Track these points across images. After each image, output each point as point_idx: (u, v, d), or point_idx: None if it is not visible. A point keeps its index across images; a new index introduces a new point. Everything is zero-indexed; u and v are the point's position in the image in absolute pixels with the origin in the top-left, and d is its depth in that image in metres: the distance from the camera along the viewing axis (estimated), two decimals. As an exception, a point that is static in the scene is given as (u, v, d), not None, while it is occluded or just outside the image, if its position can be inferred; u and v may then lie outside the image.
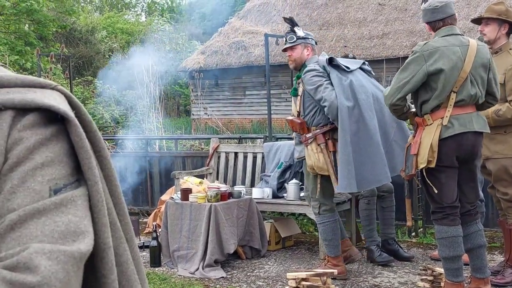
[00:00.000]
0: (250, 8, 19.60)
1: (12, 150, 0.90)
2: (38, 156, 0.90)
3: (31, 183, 0.88)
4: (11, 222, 0.84)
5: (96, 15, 27.89)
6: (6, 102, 0.91)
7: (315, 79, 4.85)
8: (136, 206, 8.14)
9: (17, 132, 0.91)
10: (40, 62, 9.71)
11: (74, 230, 0.87)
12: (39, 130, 0.92)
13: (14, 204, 0.86)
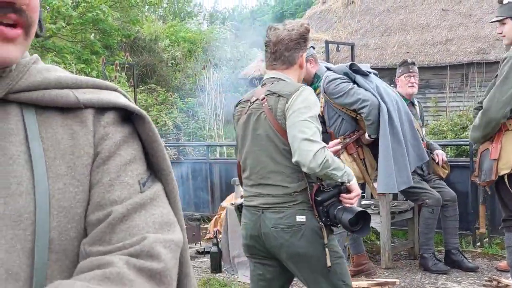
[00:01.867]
0: (311, 15, 19.57)
1: (101, 144, 1.01)
2: (124, 152, 1.02)
3: (124, 177, 1.00)
4: (120, 215, 0.96)
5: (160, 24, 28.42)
6: (87, 102, 1.02)
7: (343, 85, 4.76)
8: (197, 212, 8.24)
9: (103, 128, 1.02)
10: (105, 71, 9.97)
11: (167, 221, 1.00)
12: (120, 127, 1.04)
13: (114, 196, 0.98)
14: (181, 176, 8.48)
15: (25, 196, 0.94)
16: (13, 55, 0.97)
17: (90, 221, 0.97)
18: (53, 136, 1.00)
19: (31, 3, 0.98)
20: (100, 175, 1.00)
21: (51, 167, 0.97)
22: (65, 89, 1.02)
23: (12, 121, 0.99)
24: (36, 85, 1.01)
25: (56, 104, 1.01)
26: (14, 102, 1.01)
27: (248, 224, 3.01)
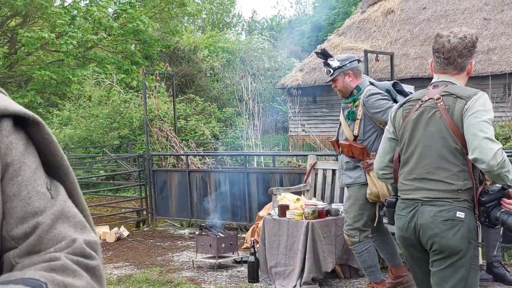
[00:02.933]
0: (350, 24, 19.47)
1: (9, 155, 1.00)
2: (29, 161, 1.02)
3: (37, 187, 1.01)
4: (47, 226, 0.99)
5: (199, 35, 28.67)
6: None
7: (381, 102, 4.71)
8: (234, 221, 8.24)
9: (6, 138, 1.00)
10: (145, 81, 10.09)
11: (80, 220, 1.05)
12: (19, 135, 1.03)
13: (34, 208, 1.00)
14: (218, 186, 8.51)
15: None
16: None
17: (15, 235, 0.99)
18: None
19: None
20: (16, 188, 1.00)
21: None
22: None
23: None
24: None
25: None
26: None
27: (404, 217, 3.14)
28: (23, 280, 0.90)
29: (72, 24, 17.68)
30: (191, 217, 8.83)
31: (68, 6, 18.46)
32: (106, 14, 18.06)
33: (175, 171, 9.17)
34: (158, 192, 9.25)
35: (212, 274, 6.11)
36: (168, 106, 14.01)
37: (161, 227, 9.12)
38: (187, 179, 8.78)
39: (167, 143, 9.73)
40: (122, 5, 18.79)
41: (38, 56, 19.53)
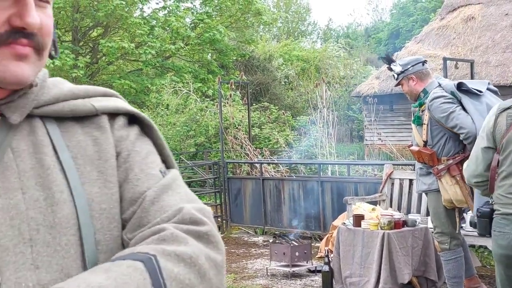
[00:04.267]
0: (428, 31, 19.06)
1: (120, 145, 1.08)
2: (140, 148, 1.09)
3: (147, 169, 1.06)
4: (150, 197, 1.01)
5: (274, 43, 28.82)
6: (102, 109, 1.09)
7: (445, 106, 4.51)
8: (308, 230, 8.20)
9: (118, 131, 1.09)
10: (221, 89, 10.22)
11: (191, 197, 1.06)
12: (130, 129, 1.11)
13: (143, 188, 1.03)
14: (292, 194, 8.49)
15: (68, 203, 0.98)
16: (26, 73, 0.98)
17: (127, 216, 1.02)
18: (78, 144, 1.05)
19: (43, 28, 0.99)
20: (125, 173, 1.05)
21: (83, 173, 1.02)
22: (79, 99, 1.08)
23: (40, 134, 1.03)
24: (55, 98, 1.06)
25: (75, 114, 1.07)
26: (36, 116, 1.04)
27: (509, 234, 2.97)
28: (132, 255, 0.92)
29: (151, 34, 18.14)
30: (264, 224, 8.84)
31: (147, 17, 18.96)
32: (184, 24, 18.43)
33: (249, 179, 9.22)
34: (232, 199, 9.33)
35: (286, 283, 6.09)
36: (242, 114, 14.13)
37: (235, 234, 9.19)
38: (261, 186, 8.81)
39: (242, 151, 9.82)
40: (199, 15, 19.14)
41: (118, 65, 20.12)
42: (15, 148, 1.00)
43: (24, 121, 1.03)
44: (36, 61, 1.00)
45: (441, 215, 4.79)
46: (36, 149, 1.01)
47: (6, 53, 0.96)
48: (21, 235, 0.94)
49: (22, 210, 0.95)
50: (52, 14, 1.06)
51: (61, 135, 1.05)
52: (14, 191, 0.96)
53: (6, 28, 0.95)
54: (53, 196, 0.97)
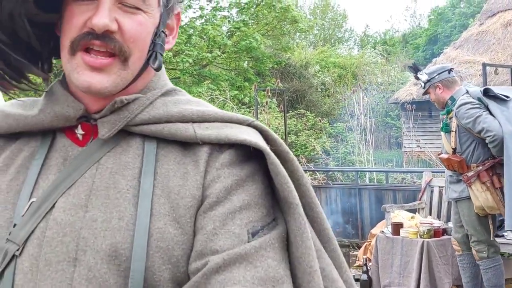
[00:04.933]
0: (467, 37, 18.78)
1: (210, 187, 0.96)
2: (235, 198, 0.94)
3: (231, 226, 0.92)
4: (216, 265, 0.88)
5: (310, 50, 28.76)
6: (204, 137, 0.98)
7: (472, 111, 4.50)
8: (346, 238, 8.13)
9: (215, 170, 0.97)
10: (257, 97, 10.23)
11: (273, 275, 0.88)
12: (235, 170, 0.97)
13: (216, 246, 0.90)
14: (329, 202, 8.43)
15: (124, 232, 0.93)
16: (99, 85, 0.97)
17: (191, 270, 0.92)
18: (166, 173, 0.98)
19: (125, 33, 0.98)
20: (205, 222, 0.94)
21: (155, 205, 0.95)
22: (188, 123, 1.01)
23: (131, 154, 1.00)
24: (157, 118, 1.01)
25: (174, 138, 1.00)
26: (138, 134, 1.02)
27: None
28: None
29: (188, 42, 18.30)
30: (302, 232, 8.79)
31: (185, 26, 19.15)
32: (221, 32, 18.54)
33: (286, 186, 9.19)
34: (269, 207, 9.30)
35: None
36: (279, 121, 14.12)
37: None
38: (298, 194, 8.78)
39: (279, 158, 9.79)
40: (236, 23, 19.23)
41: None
42: (102, 164, 0.99)
43: (123, 138, 1.02)
44: (119, 71, 0.99)
45: (474, 222, 4.75)
46: (119, 169, 0.99)
47: (80, 62, 0.97)
48: (68, 253, 0.93)
49: (77, 228, 0.94)
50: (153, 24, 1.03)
51: (156, 159, 0.99)
52: (78, 208, 0.96)
53: (84, 30, 0.97)
54: (110, 221, 0.94)
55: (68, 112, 1.02)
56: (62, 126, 1.04)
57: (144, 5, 1.00)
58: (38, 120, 1.03)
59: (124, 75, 1.00)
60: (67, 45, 0.99)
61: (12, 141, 1.07)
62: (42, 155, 1.03)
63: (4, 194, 1.00)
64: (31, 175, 1.00)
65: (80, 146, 1.03)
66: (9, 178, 1.02)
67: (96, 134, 1.02)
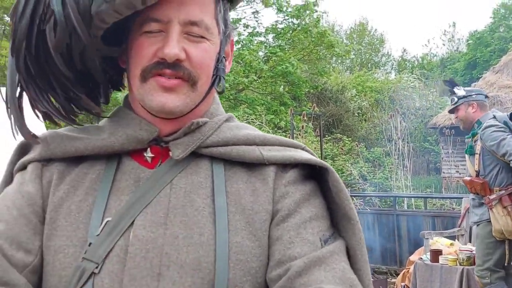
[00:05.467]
0: (507, 61, 18.51)
1: (281, 202, 1.06)
2: (304, 210, 1.05)
3: (304, 234, 1.02)
4: (298, 268, 0.97)
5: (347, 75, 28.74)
6: (270, 158, 1.09)
7: (496, 134, 4.48)
8: (384, 265, 8.00)
9: (283, 187, 1.07)
10: (293, 121, 10.22)
11: (349, 277, 0.98)
12: (300, 186, 1.08)
13: (294, 252, 0.99)
14: (367, 228, 8.33)
15: (205, 246, 1.00)
16: (172, 103, 1.05)
17: (272, 277, 1.00)
18: (236, 191, 1.06)
19: (193, 60, 1.06)
20: (280, 233, 1.03)
21: (231, 221, 1.03)
22: (253, 146, 1.10)
23: (202, 175, 1.08)
24: (225, 141, 1.10)
25: (242, 159, 1.09)
26: (206, 156, 1.10)
27: None
28: None
29: (225, 67, 18.49)
30: (338, 258, 8.70)
31: (221, 51, 19.35)
32: (257, 57, 18.68)
33: (323, 212, 9.13)
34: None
35: (359, 319, 5.94)
36: (315, 146, 14.06)
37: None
38: (335, 219, 8.70)
39: (315, 183, 9.74)
40: (272, 48, 19.35)
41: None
42: (175, 184, 1.07)
43: (193, 160, 1.10)
44: (188, 92, 1.07)
45: (489, 245, 4.69)
46: (193, 189, 1.06)
47: (153, 85, 1.06)
48: (152, 269, 0.99)
49: (159, 244, 1.01)
50: (215, 51, 1.11)
51: (225, 179, 1.08)
52: (158, 226, 1.02)
53: (154, 60, 1.05)
54: (192, 237, 1.01)
55: (141, 135, 1.10)
56: (131, 150, 1.11)
57: (208, 34, 1.09)
58: (109, 143, 1.11)
59: (193, 97, 1.08)
60: (137, 73, 1.07)
61: (75, 165, 1.14)
62: (110, 178, 1.09)
63: (75, 215, 1.06)
64: (101, 196, 1.07)
65: (149, 168, 1.10)
66: (78, 199, 1.08)
67: (165, 156, 1.11)
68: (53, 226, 1.07)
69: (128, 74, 1.12)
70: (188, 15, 1.06)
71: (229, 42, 1.21)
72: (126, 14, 1.01)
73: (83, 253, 1.02)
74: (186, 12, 1.06)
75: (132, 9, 1.00)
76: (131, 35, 1.09)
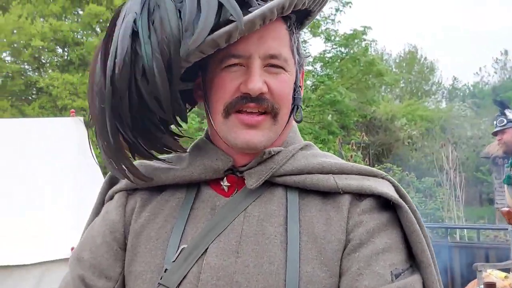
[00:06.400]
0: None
1: (354, 231, 1.04)
2: (378, 241, 1.03)
3: (375, 266, 1.00)
4: None
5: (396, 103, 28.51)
6: (345, 187, 1.08)
7: None
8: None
9: (357, 216, 1.06)
10: (342, 150, 10.17)
11: None
12: (376, 215, 1.06)
13: (361, 285, 0.98)
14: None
15: (275, 276, 1.00)
16: (255, 139, 1.07)
17: None
18: (309, 220, 1.07)
19: (274, 92, 1.08)
20: (350, 263, 1.02)
21: (302, 250, 1.03)
22: (328, 174, 1.10)
23: (275, 203, 1.09)
24: (299, 170, 1.11)
25: (317, 188, 1.09)
26: (281, 184, 1.11)
27: None
28: None
29: (273, 97, 18.62)
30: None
31: (270, 81, 19.52)
32: (305, 86, 18.72)
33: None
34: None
35: None
36: (364, 175, 13.93)
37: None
38: (385, 250, 8.59)
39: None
40: (320, 77, 19.39)
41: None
42: (249, 213, 1.09)
43: (267, 188, 1.12)
44: (271, 126, 1.10)
45: None
46: (266, 217, 1.08)
47: (236, 122, 1.08)
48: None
49: (230, 272, 1.03)
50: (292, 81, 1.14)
51: (299, 207, 1.08)
52: (230, 254, 1.05)
53: (237, 95, 1.08)
54: (262, 265, 1.02)
55: (217, 164, 1.14)
56: (208, 179, 1.15)
57: (286, 65, 1.12)
58: (188, 173, 1.15)
59: (275, 129, 1.11)
60: (220, 109, 1.10)
61: (157, 193, 1.19)
62: (189, 205, 1.13)
63: (154, 241, 1.11)
64: (179, 223, 1.11)
65: (226, 196, 1.14)
66: (158, 226, 1.13)
67: (241, 185, 1.13)
68: (133, 252, 1.12)
69: (209, 109, 1.14)
70: (268, 49, 1.09)
71: (302, 72, 1.24)
72: (209, 53, 1.04)
73: (159, 279, 1.06)
74: (266, 46, 1.09)
75: (216, 47, 1.03)
76: (211, 71, 1.12)
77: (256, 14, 1.02)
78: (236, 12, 1.00)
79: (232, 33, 1.01)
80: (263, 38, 1.08)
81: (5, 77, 17.95)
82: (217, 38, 1.01)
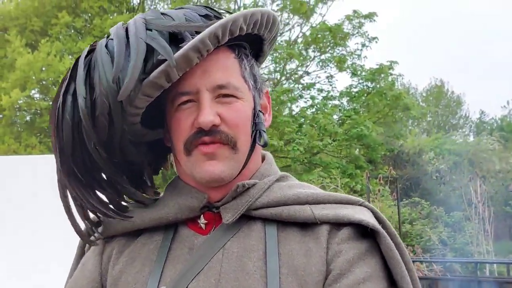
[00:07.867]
0: None
1: (333, 262, 1.01)
2: (358, 270, 0.99)
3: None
4: None
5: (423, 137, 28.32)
6: (322, 217, 1.05)
7: None
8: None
9: (336, 245, 1.03)
10: (369, 184, 10.16)
11: None
12: (354, 244, 1.03)
13: None
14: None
15: None
16: (217, 170, 1.06)
17: None
18: (289, 253, 1.04)
19: (228, 123, 1.08)
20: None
21: (283, 283, 1.00)
22: (304, 205, 1.07)
23: (254, 238, 1.07)
24: (276, 201, 1.08)
25: (294, 220, 1.06)
26: (259, 218, 1.09)
27: None
28: None
29: (299, 131, 18.61)
30: (418, 326, 8.42)
31: (296, 115, 19.56)
32: (331, 121, 18.74)
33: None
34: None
35: None
36: (392, 210, 13.84)
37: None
38: (413, 285, 8.48)
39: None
40: (347, 111, 19.40)
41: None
42: (227, 249, 1.07)
43: (245, 223, 1.10)
44: (231, 155, 1.08)
45: None
46: (245, 253, 1.05)
47: (198, 156, 1.08)
48: None
49: None
50: (250, 107, 1.12)
51: (278, 240, 1.06)
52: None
53: (192, 131, 1.08)
54: None
55: (192, 203, 1.12)
56: (185, 218, 1.13)
57: (238, 92, 1.10)
58: (163, 214, 1.13)
59: (237, 158, 1.08)
60: (181, 148, 1.09)
61: (134, 238, 1.17)
62: (166, 247, 1.11)
63: (132, 286, 1.08)
64: (157, 266, 1.09)
65: (204, 234, 1.11)
66: (135, 270, 1.11)
67: (218, 222, 1.11)
68: None
69: (174, 151, 1.14)
70: (215, 80, 1.08)
71: (264, 95, 1.21)
72: (155, 95, 1.04)
73: None
74: (212, 78, 1.08)
75: (160, 88, 1.03)
76: (168, 112, 1.12)
77: (187, 47, 1.00)
78: (164, 49, 1.00)
79: (169, 72, 1.00)
80: (207, 70, 1.08)
81: (34, 114, 18.26)
82: (155, 79, 1.00)
